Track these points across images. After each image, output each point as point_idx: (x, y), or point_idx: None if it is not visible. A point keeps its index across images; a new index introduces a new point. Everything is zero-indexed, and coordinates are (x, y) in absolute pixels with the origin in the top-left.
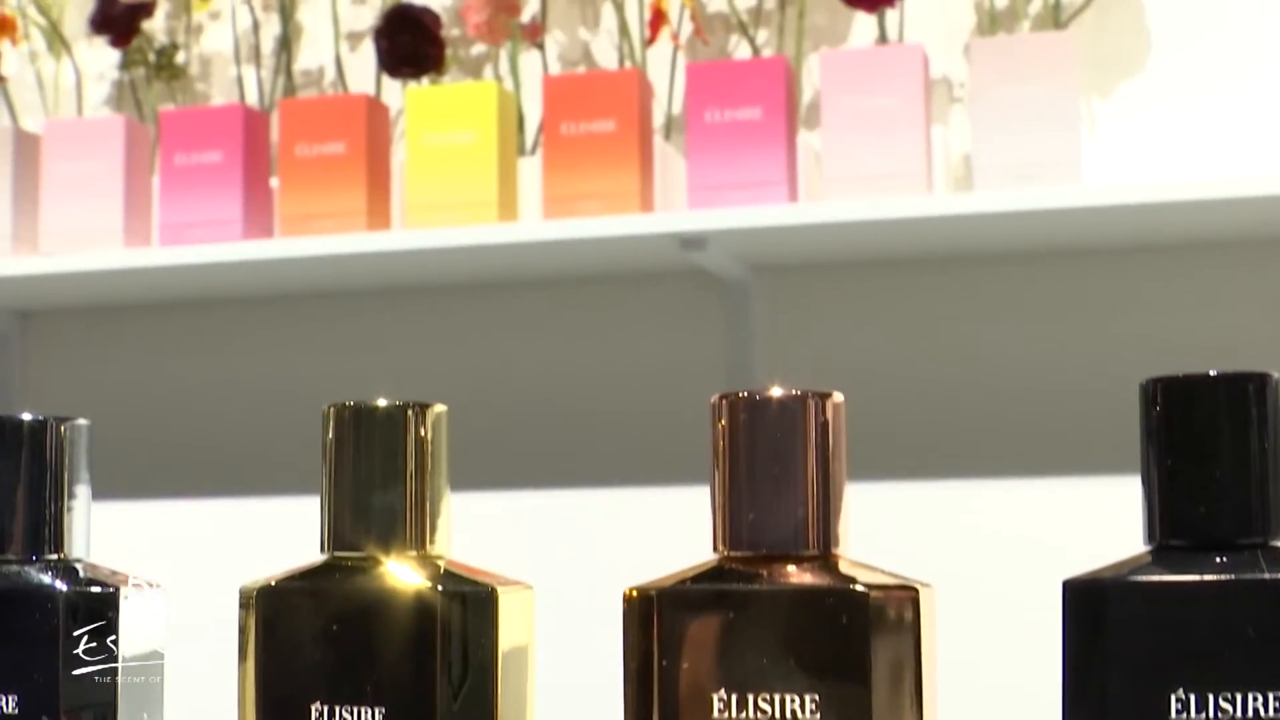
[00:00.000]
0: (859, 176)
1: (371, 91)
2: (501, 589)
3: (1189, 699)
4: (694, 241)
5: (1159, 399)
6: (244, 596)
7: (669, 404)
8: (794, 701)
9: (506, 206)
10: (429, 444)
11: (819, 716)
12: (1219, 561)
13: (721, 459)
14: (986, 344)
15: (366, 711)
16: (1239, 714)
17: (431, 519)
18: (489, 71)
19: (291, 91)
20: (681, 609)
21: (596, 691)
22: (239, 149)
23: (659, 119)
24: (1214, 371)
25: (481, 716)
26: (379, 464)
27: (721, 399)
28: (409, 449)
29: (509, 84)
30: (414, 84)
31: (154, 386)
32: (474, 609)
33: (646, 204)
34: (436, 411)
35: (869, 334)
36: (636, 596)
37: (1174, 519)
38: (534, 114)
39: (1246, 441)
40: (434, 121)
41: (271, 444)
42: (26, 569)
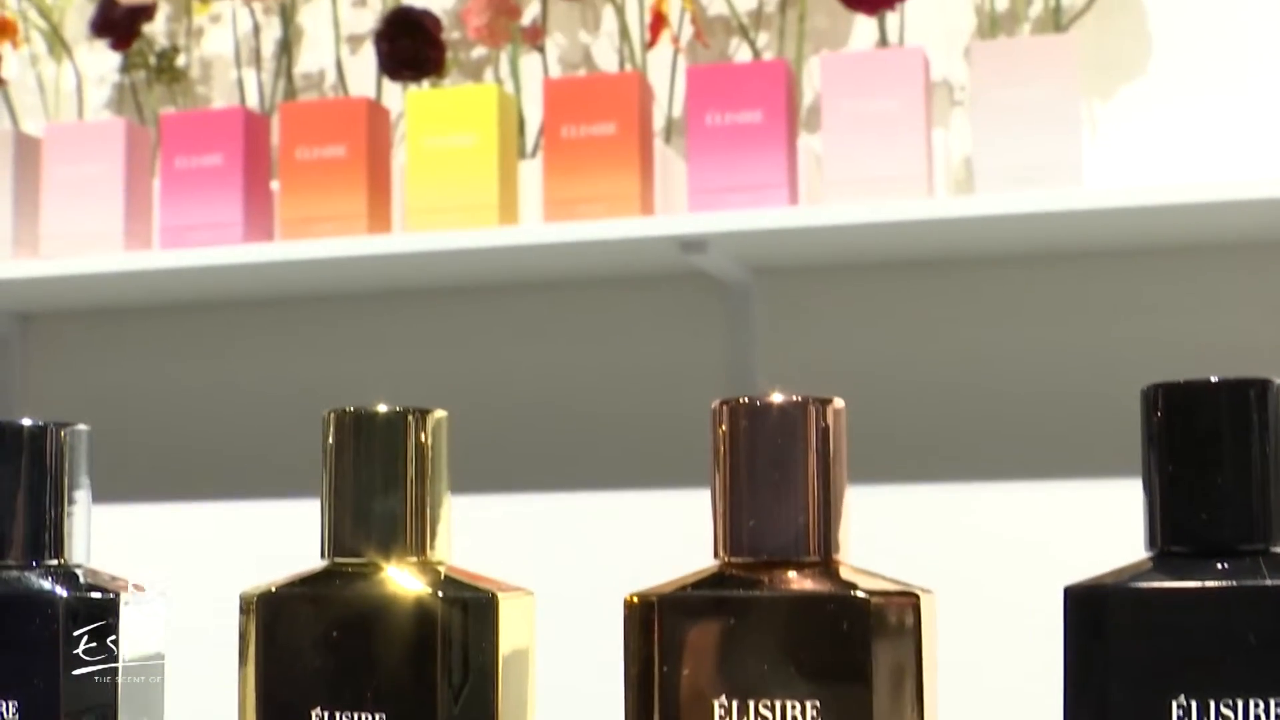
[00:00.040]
0: (859, 179)
1: (372, 94)
2: (502, 595)
3: (1190, 705)
4: (694, 244)
5: (1160, 405)
6: (244, 602)
7: (669, 406)
8: (795, 708)
9: (507, 209)
10: (429, 449)
11: None
12: (1220, 568)
13: (722, 465)
14: (987, 347)
15: (367, 717)
16: None
17: (432, 524)
18: (489, 74)
19: (292, 94)
20: (682, 615)
21: (597, 697)
22: (239, 152)
23: (659, 122)
24: (1215, 378)
25: None
26: (379, 469)
27: (722, 405)
28: (409, 454)
29: (509, 87)
30: (414, 87)
31: (154, 389)
32: (474, 615)
33: (647, 207)
34: (436, 417)
35: (870, 337)
36: (637, 603)
37: (1175, 525)
38: (534, 117)
39: (1248, 447)
40: (434, 124)
41: (272, 447)
42: (27, 574)
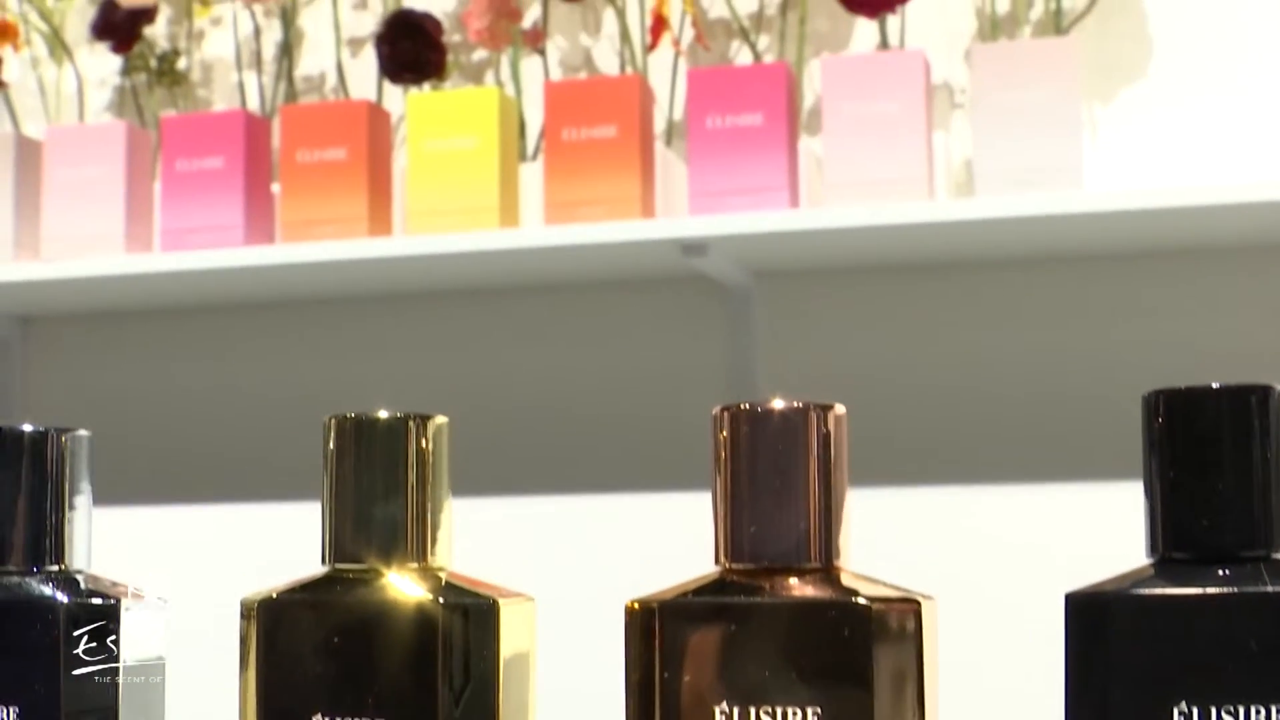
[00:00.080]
0: (860, 182)
1: (373, 97)
2: (503, 601)
3: (1191, 712)
4: (695, 247)
5: (1161, 411)
6: (245, 608)
7: (670, 409)
8: (796, 714)
9: (508, 212)
10: (430, 455)
11: None
12: (1221, 574)
13: (723, 471)
14: (988, 350)
15: None
16: None
17: (433, 530)
18: (490, 77)
19: (293, 97)
20: (683, 621)
21: (598, 704)
22: (240, 155)
23: (660, 125)
24: (1216, 384)
25: None
26: (380, 475)
27: (723, 411)
28: (410, 460)
29: (510, 90)
30: (415, 90)
31: (155, 392)
32: (475, 621)
33: (648, 210)
34: (437, 423)
35: (870, 340)
36: (638, 609)
37: (1176, 532)
38: (535, 120)
39: (1249, 454)
40: (435, 127)
41: (272, 449)
42: (27, 580)
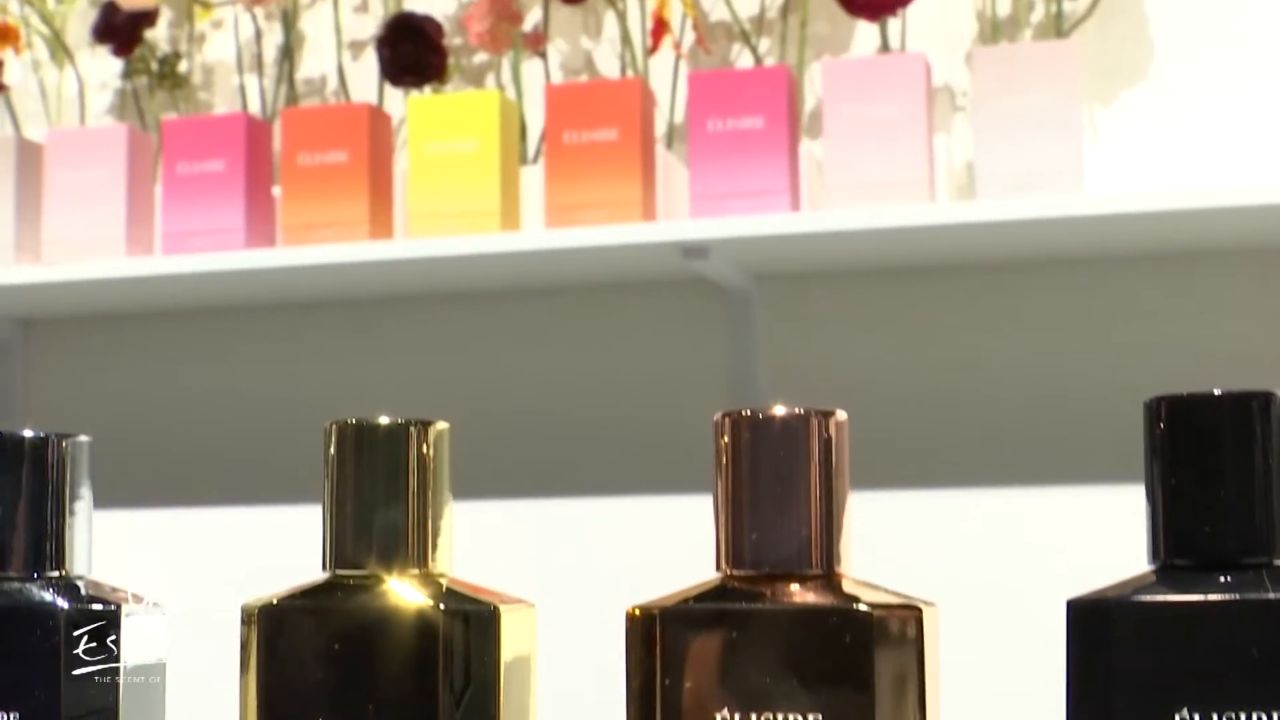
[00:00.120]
0: (861, 185)
1: (374, 100)
2: (503, 607)
3: (1193, 719)
4: (696, 250)
5: (1163, 417)
6: (246, 614)
7: (671, 413)
8: None
9: (509, 215)
10: (431, 461)
11: None
12: (1223, 581)
13: (724, 477)
14: (989, 353)
15: None
16: None
17: (433, 537)
18: (491, 80)
19: (294, 100)
20: (684, 628)
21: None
22: (241, 158)
23: (661, 128)
24: (1218, 390)
25: None
26: (381, 482)
27: (724, 417)
28: (411, 466)
29: (511, 93)
30: (416, 93)
31: (156, 395)
32: (476, 628)
33: (649, 213)
34: (438, 428)
35: (871, 343)
36: (639, 615)
37: (1178, 538)
38: (536, 123)
39: (1251, 460)
40: (436, 130)
41: (273, 452)
42: (28, 586)
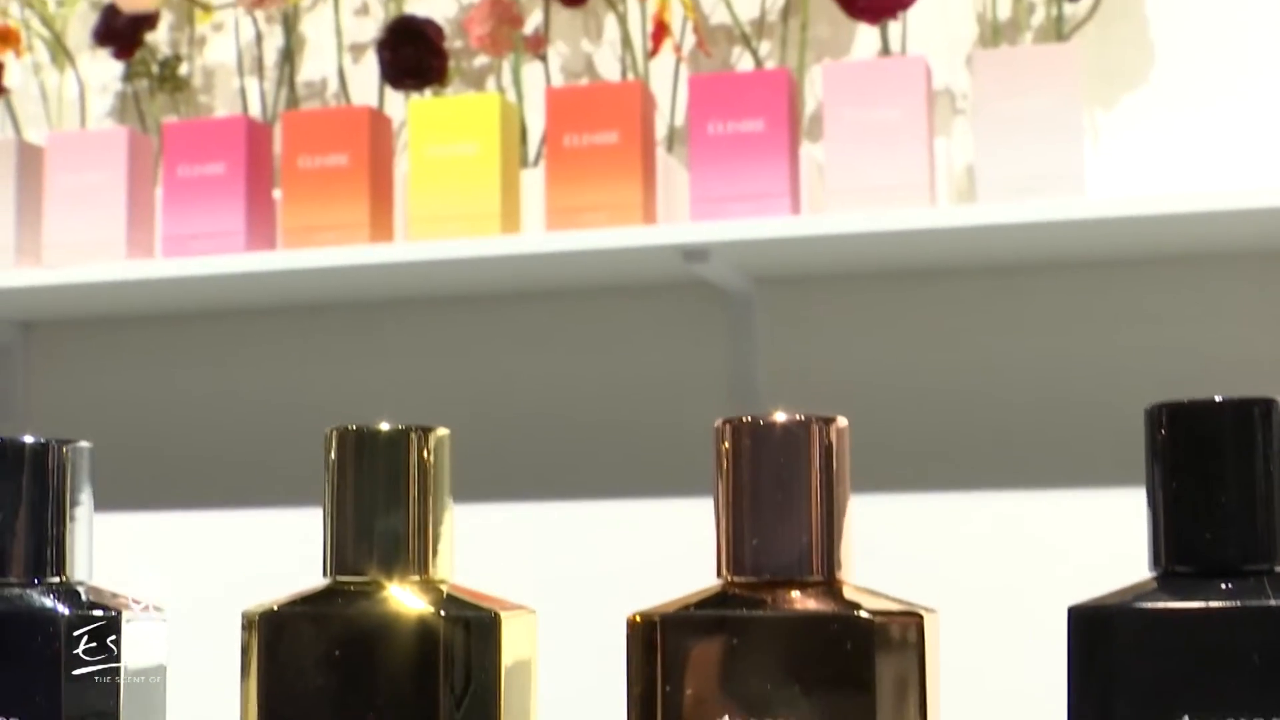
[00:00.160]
0: (862, 188)
1: (374, 103)
2: (504, 613)
3: None
4: (696, 253)
5: (1164, 424)
6: (246, 620)
7: (671, 415)
8: None
9: (509, 218)
10: (431, 467)
11: None
12: (1224, 588)
13: (725, 484)
14: (989, 356)
15: None
16: None
17: (434, 543)
18: (492, 83)
19: (294, 103)
20: (685, 634)
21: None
22: (242, 161)
23: (662, 131)
24: (1219, 397)
25: None
26: (381, 488)
27: (725, 423)
28: (411, 473)
29: (511, 96)
30: (417, 96)
31: (156, 398)
32: (476, 634)
33: (649, 216)
34: (438, 435)
35: (871, 346)
36: (640, 622)
37: (1180, 545)
38: (537, 125)
39: (1252, 467)
40: (437, 133)
41: (274, 455)
42: (28, 592)
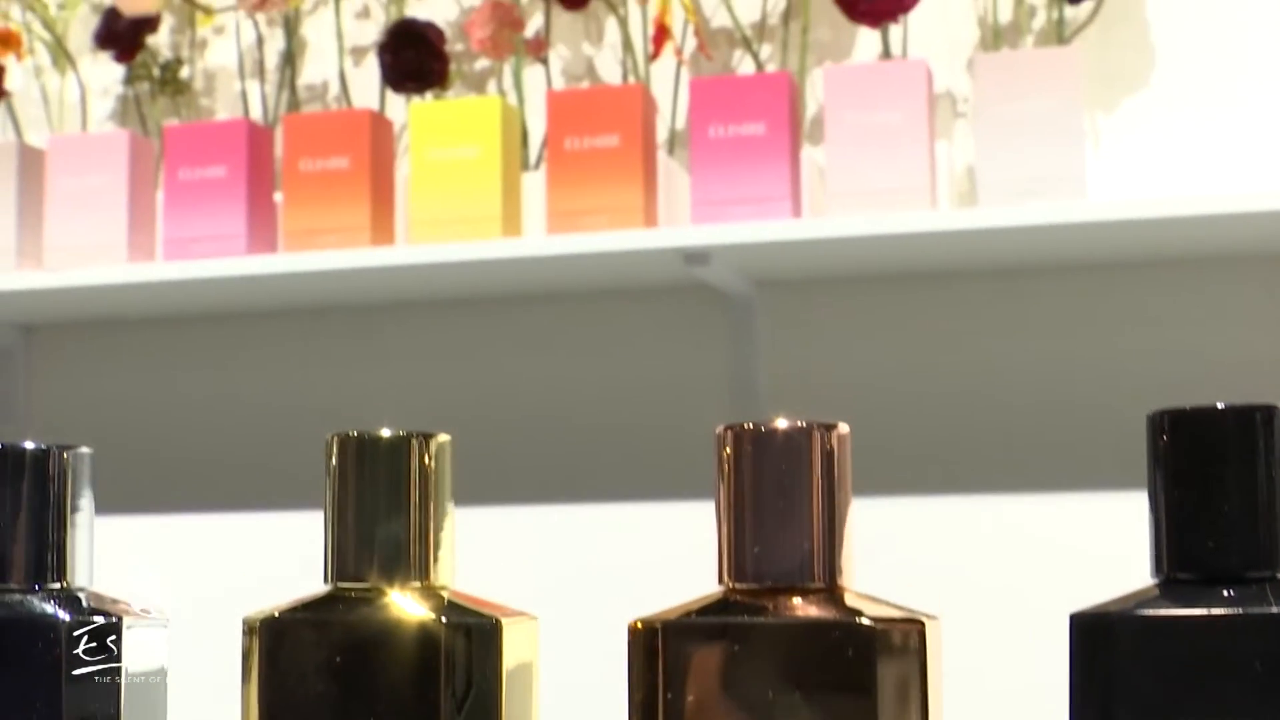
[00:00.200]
0: (863, 191)
1: (375, 106)
2: (505, 620)
3: None
4: (697, 256)
5: (1166, 431)
6: (247, 626)
7: (672, 419)
8: None
9: (510, 221)
10: (432, 473)
11: None
12: (1226, 595)
13: (727, 490)
14: (990, 359)
15: None
16: None
17: (435, 549)
18: (493, 86)
19: (295, 106)
20: (687, 641)
21: None
22: (243, 164)
23: (663, 134)
24: (1221, 404)
25: None
26: (382, 494)
27: (727, 430)
28: (412, 479)
29: (513, 99)
30: (418, 99)
31: (157, 401)
32: (478, 640)
33: (650, 219)
34: (439, 441)
35: (872, 349)
36: (641, 628)
37: (1181, 552)
38: (538, 129)
39: (1254, 474)
40: (438, 136)
41: (275, 458)
42: (29, 598)
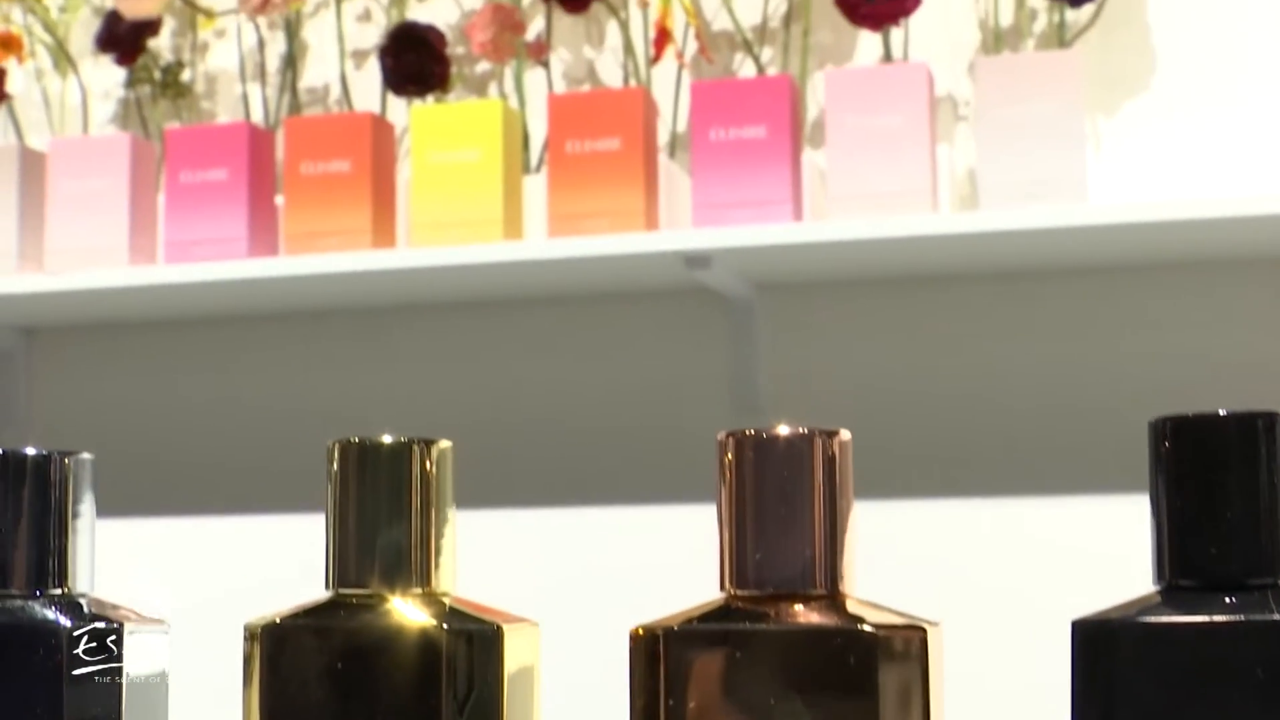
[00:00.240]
0: (864, 195)
1: (377, 109)
2: (507, 627)
3: None
4: (699, 260)
5: (1168, 437)
6: (249, 632)
7: (673, 422)
8: None
9: (511, 225)
10: (434, 479)
11: None
12: (1228, 602)
13: (728, 497)
14: (992, 362)
15: None
16: None
17: (436, 555)
18: (494, 89)
19: (297, 109)
20: (688, 648)
21: None
22: (244, 167)
23: (664, 137)
24: (1223, 410)
25: None
26: (384, 500)
27: (728, 436)
28: (414, 485)
29: (514, 102)
30: (419, 102)
31: (159, 404)
32: (479, 647)
33: (651, 222)
34: (441, 447)
35: (873, 352)
36: (643, 635)
37: (1184, 559)
38: (539, 132)
39: (1256, 481)
40: (439, 139)
41: (276, 461)
42: (30, 604)
